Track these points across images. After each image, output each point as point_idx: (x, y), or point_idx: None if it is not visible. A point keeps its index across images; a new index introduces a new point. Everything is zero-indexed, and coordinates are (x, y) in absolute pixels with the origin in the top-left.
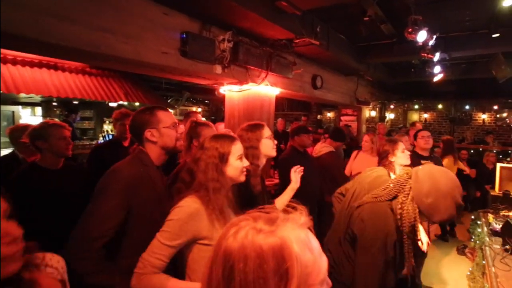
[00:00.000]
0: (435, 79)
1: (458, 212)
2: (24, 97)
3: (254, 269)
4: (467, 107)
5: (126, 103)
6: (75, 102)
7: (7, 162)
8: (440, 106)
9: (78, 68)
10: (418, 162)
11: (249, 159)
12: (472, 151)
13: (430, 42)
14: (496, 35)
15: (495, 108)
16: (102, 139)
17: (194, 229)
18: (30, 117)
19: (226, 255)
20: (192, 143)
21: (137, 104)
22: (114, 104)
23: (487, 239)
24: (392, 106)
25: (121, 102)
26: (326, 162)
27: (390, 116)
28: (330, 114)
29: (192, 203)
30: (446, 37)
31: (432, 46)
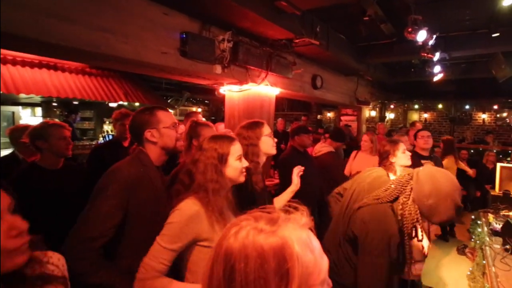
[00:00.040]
0: (435, 79)
1: (458, 214)
2: (24, 97)
3: (255, 269)
4: (467, 107)
5: (126, 103)
6: (75, 103)
7: (7, 162)
8: (440, 106)
9: (78, 68)
10: (418, 162)
11: (249, 157)
12: (472, 151)
13: (430, 42)
14: (496, 35)
15: (495, 107)
16: (102, 140)
17: (195, 231)
18: (30, 117)
19: (227, 255)
20: (192, 143)
21: (137, 104)
22: (114, 104)
23: (487, 239)
24: (392, 106)
25: (121, 103)
26: (325, 162)
27: (390, 116)
28: (330, 114)
29: (192, 205)
30: (446, 36)
31: (432, 45)
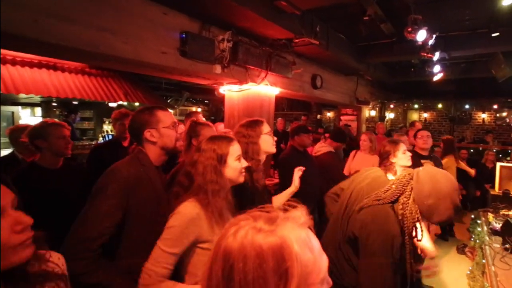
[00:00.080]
0: (435, 79)
1: (456, 213)
2: (23, 97)
3: (254, 268)
4: (467, 107)
5: (126, 103)
6: (75, 103)
7: (7, 162)
8: (440, 106)
9: (78, 68)
10: (417, 161)
11: (249, 155)
12: (472, 151)
13: (430, 42)
14: (495, 35)
15: (495, 107)
16: (102, 139)
17: (195, 233)
18: (30, 117)
19: (225, 255)
20: (191, 143)
21: (136, 104)
22: (113, 104)
23: (487, 238)
24: (392, 106)
25: (120, 102)
26: (324, 162)
27: (390, 115)
28: (330, 114)
29: (191, 208)
30: (446, 36)
31: (431, 45)
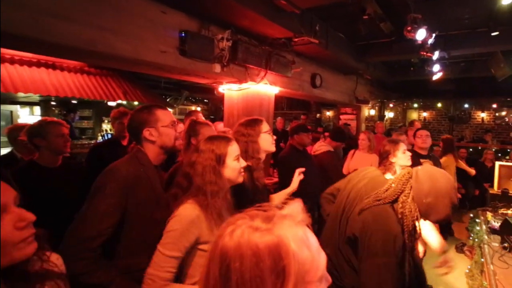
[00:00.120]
0: (434, 78)
1: (453, 212)
2: (22, 96)
3: (251, 267)
4: (466, 106)
5: (125, 102)
6: (74, 102)
7: (6, 161)
8: (439, 105)
9: (77, 67)
10: (417, 161)
11: (249, 153)
12: (471, 150)
13: (429, 41)
14: (495, 34)
15: (494, 106)
16: (101, 138)
17: (195, 234)
18: (29, 116)
19: (222, 254)
20: (190, 142)
21: (136, 103)
22: (113, 103)
23: (486, 237)
24: (391, 105)
25: (120, 101)
26: (323, 161)
27: (389, 115)
28: (329, 113)
29: (191, 210)
30: (445, 35)
31: (431, 44)
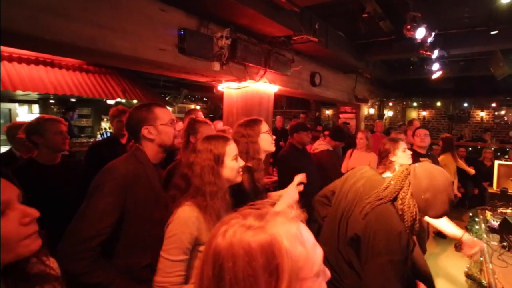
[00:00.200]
0: (434, 77)
1: (450, 208)
2: (21, 94)
3: (243, 267)
4: (466, 105)
5: (124, 101)
6: (73, 100)
7: (5, 160)
8: (438, 104)
9: (75, 65)
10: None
11: (250, 154)
12: (470, 149)
13: (429, 39)
14: (494, 32)
15: (493, 105)
16: (100, 137)
17: (195, 235)
18: (27, 114)
19: (215, 254)
20: (189, 141)
21: (135, 101)
22: (112, 101)
23: (485, 236)
24: (390, 104)
25: (119, 100)
26: (321, 160)
27: (388, 113)
28: (328, 112)
29: (190, 212)
30: (445, 34)
31: (430, 43)
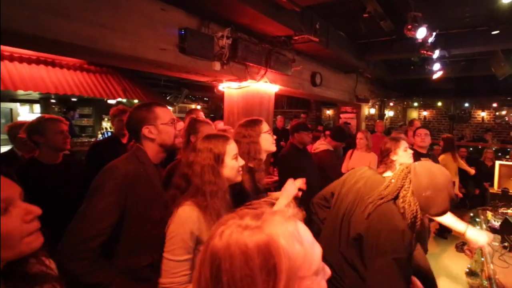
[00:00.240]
0: (435, 77)
1: (451, 205)
2: (22, 94)
3: (240, 267)
4: (467, 105)
5: (125, 100)
6: (74, 99)
7: (6, 159)
8: (439, 104)
9: (76, 64)
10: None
11: (251, 155)
12: (471, 149)
13: (430, 39)
14: (495, 32)
15: (494, 105)
16: (101, 136)
17: (196, 234)
18: (29, 114)
19: (212, 256)
20: (190, 140)
21: (135, 101)
22: (112, 101)
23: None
24: (391, 104)
25: (119, 99)
26: (321, 160)
27: (389, 113)
28: (329, 112)
29: (190, 211)
30: (446, 34)
31: (431, 43)
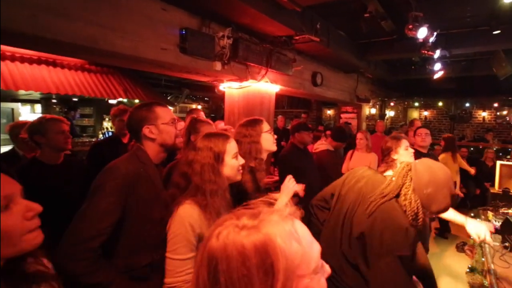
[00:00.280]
0: (436, 77)
1: (452, 202)
2: (23, 94)
3: (237, 267)
4: (467, 105)
5: (126, 100)
6: (75, 99)
7: (8, 159)
8: (440, 104)
9: (77, 64)
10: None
11: (252, 154)
12: (472, 149)
13: (431, 39)
14: (496, 32)
15: (495, 105)
16: (102, 136)
17: (198, 232)
18: (30, 114)
19: (209, 257)
20: (190, 140)
21: (136, 101)
22: (113, 101)
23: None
24: (392, 104)
25: (120, 99)
26: (321, 160)
27: (390, 113)
28: (330, 112)
29: (191, 210)
30: (447, 34)
31: (432, 43)
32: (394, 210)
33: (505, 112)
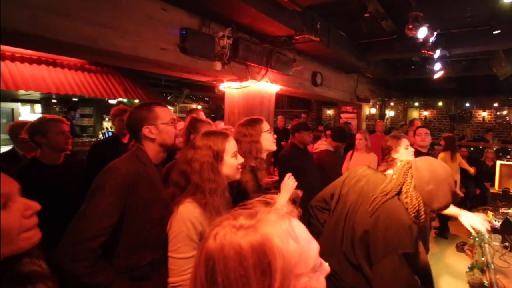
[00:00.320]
0: (436, 76)
1: (453, 199)
2: (23, 94)
3: (235, 267)
4: (467, 105)
5: (126, 100)
6: (75, 99)
7: (8, 159)
8: (440, 104)
9: (77, 64)
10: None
11: (253, 154)
12: (472, 149)
13: (431, 39)
14: (496, 32)
15: (495, 105)
16: (102, 136)
17: (199, 230)
18: (30, 114)
19: (207, 257)
20: (190, 139)
21: (136, 101)
22: (113, 101)
23: (487, 236)
24: (392, 104)
25: (120, 99)
26: (321, 160)
27: (390, 113)
28: (330, 112)
29: (192, 209)
30: (447, 33)
31: (432, 42)
32: (396, 208)
33: (505, 112)
